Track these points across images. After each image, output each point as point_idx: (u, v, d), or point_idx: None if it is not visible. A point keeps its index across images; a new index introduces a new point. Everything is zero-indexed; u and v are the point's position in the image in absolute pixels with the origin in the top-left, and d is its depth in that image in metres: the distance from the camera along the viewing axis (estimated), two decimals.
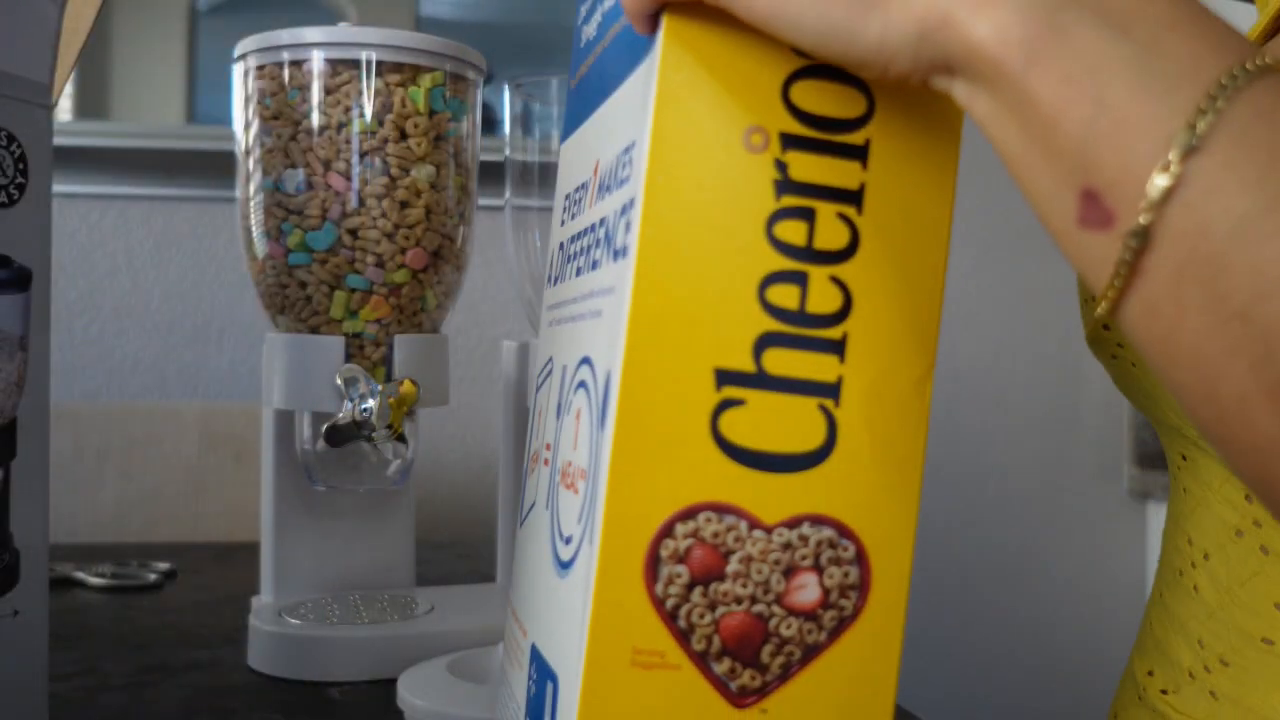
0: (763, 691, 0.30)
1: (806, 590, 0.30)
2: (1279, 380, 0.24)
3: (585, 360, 0.34)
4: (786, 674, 0.30)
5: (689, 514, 0.30)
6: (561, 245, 0.41)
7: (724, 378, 0.30)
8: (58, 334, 1.30)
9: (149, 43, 1.42)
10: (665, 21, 0.31)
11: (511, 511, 0.67)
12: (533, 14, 1.61)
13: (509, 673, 0.40)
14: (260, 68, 0.60)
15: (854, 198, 0.31)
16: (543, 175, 0.65)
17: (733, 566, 0.30)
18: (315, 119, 0.59)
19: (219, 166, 1.30)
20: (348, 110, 0.59)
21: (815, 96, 0.31)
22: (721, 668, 0.30)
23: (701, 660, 0.30)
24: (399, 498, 0.66)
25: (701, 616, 0.30)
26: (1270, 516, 0.40)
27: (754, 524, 0.30)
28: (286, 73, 0.59)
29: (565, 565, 0.33)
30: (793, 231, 0.30)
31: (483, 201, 0.66)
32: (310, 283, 0.59)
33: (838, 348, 0.30)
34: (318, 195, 0.59)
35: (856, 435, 0.30)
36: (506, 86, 0.65)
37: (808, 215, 0.30)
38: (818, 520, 0.30)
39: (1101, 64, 0.26)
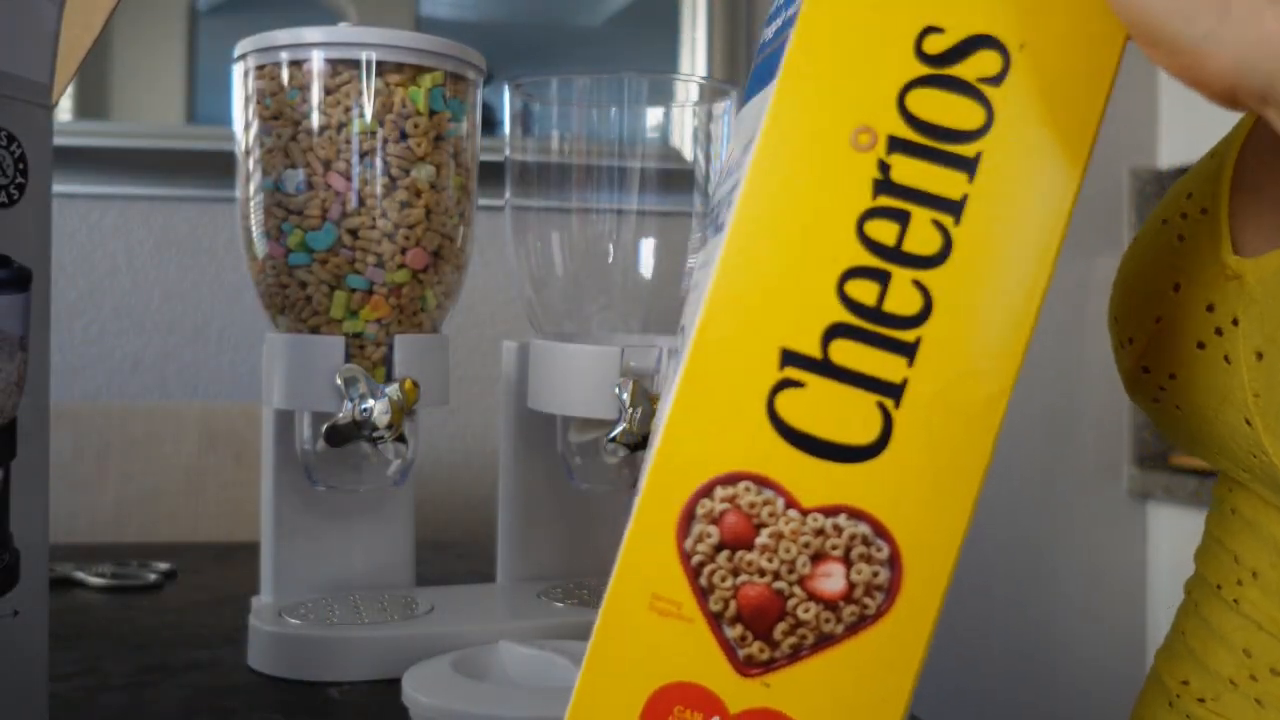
0: (769, 665, 0.31)
1: (831, 579, 0.31)
2: None
3: (682, 329, 0.35)
4: (796, 655, 0.31)
5: (730, 480, 0.31)
6: (711, 210, 0.44)
7: (789, 358, 0.31)
8: (58, 334, 1.30)
9: (149, 43, 1.42)
10: (803, 6, 0.32)
11: (512, 511, 0.67)
12: (533, 14, 1.61)
13: None
14: (260, 68, 0.60)
15: (954, 208, 0.31)
16: (542, 175, 0.65)
17: (762, 539, 0.31)
18: (315, 119, 0.59)
19: (219, 166, 1.30)
20: (348, 110, 0.59)
21: (932, 104, 0.31)
22: (733, 633, 0.31)
23: (715, 621, 0.31)
24: (399, 498, 0.66)
25: (723, 580, 0.31)
26: None
27: (791, 503, 0.31)
28: (286, 73, 0.59)
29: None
30: (883, 231, 0.31)
31: (483, 201, 0.66)
32: (310, 283, 0.59)
33: (909, 350, 0.31)
34: (318, 195, 0.59)
35: (912, 440, 0.31)
36: (506, 86, 0.65)
37: (902, 217, 0.31)
38: (856, 514, 0.31)
39: None
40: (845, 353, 0.31)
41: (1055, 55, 0.31)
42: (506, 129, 0.66)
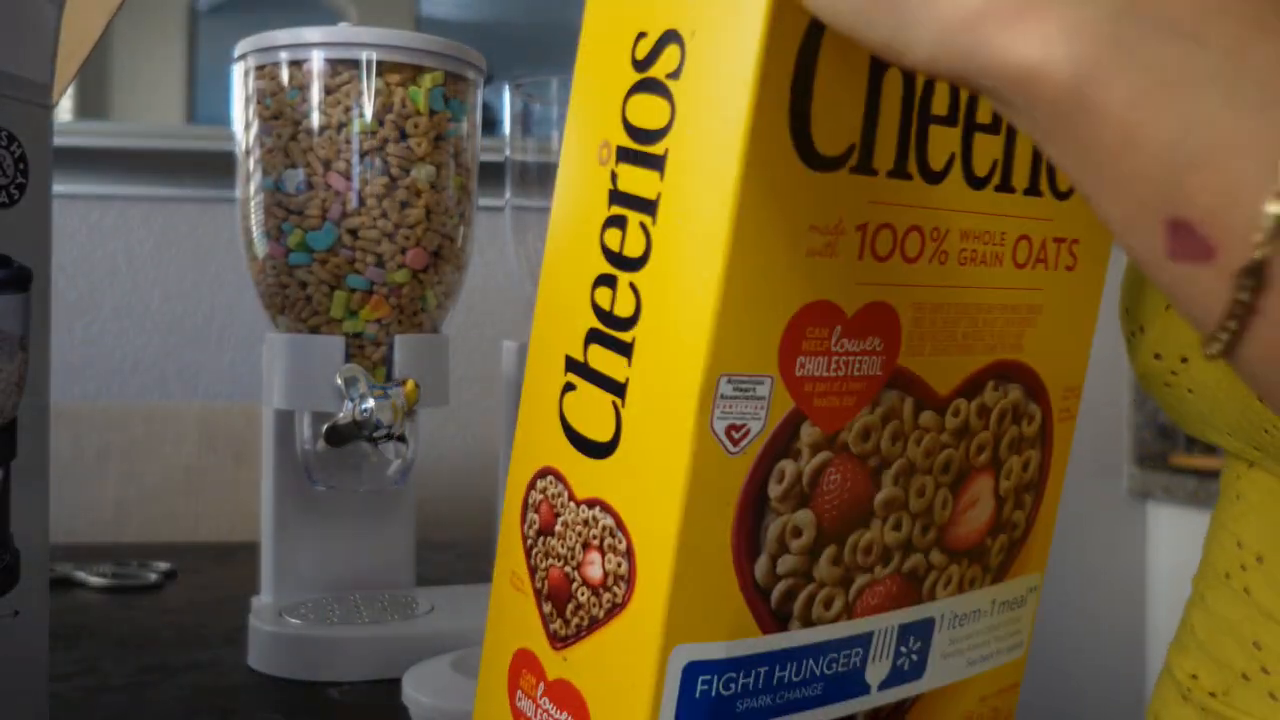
0: (566, 641, 0.34)
1: (594, 567, 0.33)
2: None
3: None
4: (579, 634, 0.34)
5: (543, 473, 0.35)
6: None
7: (569, 364, 0.34)
8: (58, 334, 1.30)
9: (149, 43, 1.43)
10: (584, 18, 0.34)
11: None
12: (533, 14, 1.61)
13: None
14: (260, 68, 0.60)
15: (651, 207, 0.32)
16: (542, 175, 0.65)
17: (558, 526, 0.34)
18: (315, 119, 0.59)
19: (219, 166, 1.30)
20: (348, 110, 0.59)
21: (640, 109, 0.32)
22: (547, 609, 0.35)
23: (539, 597, 0.35)
24: (399, 498, 0.66)
25: (542, 561, 0.35)
26: None
27: (570, 495, 0.34)
28: (286, 73, 0.59)
29: None
30: (613, 238, 0.33)
31: (483, 201, 0.66)
32: (310, 283, 0.59)
33: (628, 350, 0.32)
34: (318, 195, 0.59)
35: (634, 436, 0.32)
36: (506, 86, 0.65)
37: (622, 224, 0.32)
38: (605, 507, 0.33)
39: (1180, 78, 0.22)
40: (595, 356, 0.33)
41: (716, 39, 0.30)
42: (506, 129, 0.66)
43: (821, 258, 0.32)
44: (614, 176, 0.32)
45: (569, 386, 0.34)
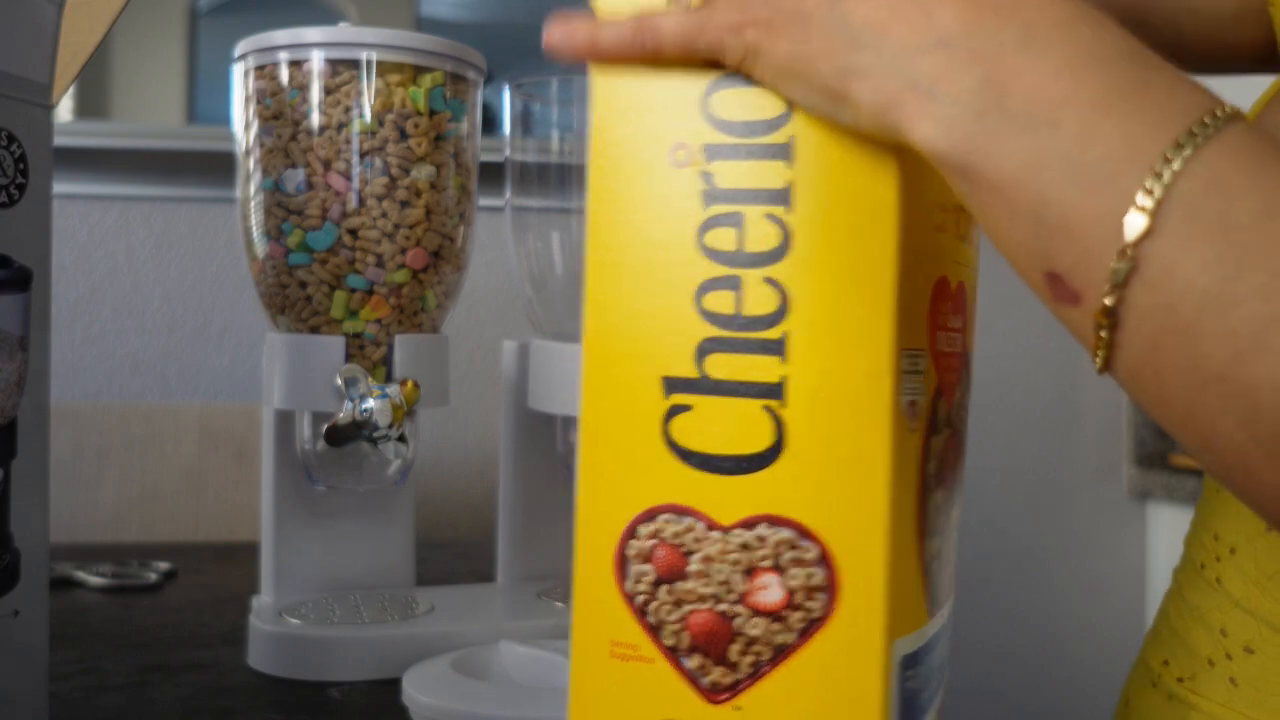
0: (735, 689, 0.31)
1: (769, 590, 0.31)
2: (1269, 434, 0.24)
3: None
4: (758, 672, 0.31)
5: (649, 515, 0.31)
6: None
7: (671, 385, 0.31)
8: (58, 334, 1.30)
9: (149, 43, 1.43)
10: None
11: (512, 511, 0.67)
12: (533, 14, 1.61)
13: None
14: (260, 68, 0.60)
15: (782, 197, 0.31)
16: (542, 175, 0.65)
17: (694, 566, 0.31)
18: (315, 119, 0.59)
19: (219, 166, 1.30)
20: (348, 110, 0.59)
21: (733, 103, 0.31)
22: (692, 663, 0.31)
23: (673, 655, 0.31)
24: (399, 498, 0.66)
25: (670, 613, 0.31)
26: None
27: (711, 525, 0.31)
28: (286, 73, 0.59)
29: None
30: (723, 238, 0.31)
31: (483, 201, 0.66)
32: (310, 283, 0.59)
33: (778, 348, 0.31)
34: (318, 195, 0.59)
35: (807, 434, 0.30)
36: (506, 86, 0.65)
37: (736, 220, 0.31)
38: (775, 521, 0.31)
39: (1036, 161, 0.26)
40: (721, 365, 0.31)
41: None
42: (506, 129, 0.65)
43: (941, 234, 0.32)
44: (707, 175, 0.31)
45: (678, 409, 0.31)
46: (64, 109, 1.34)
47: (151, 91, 1.43)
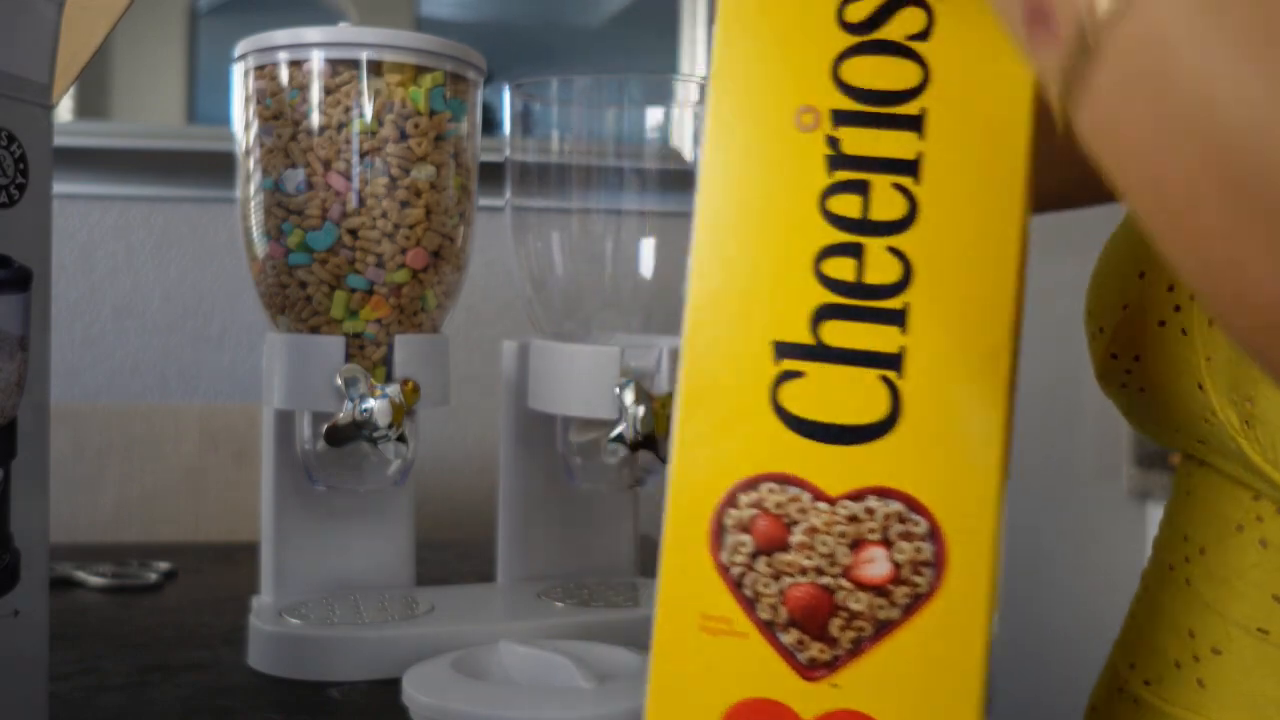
0: (833, 665, 0.30)
1: (875, 564, 0.30)
2: (1230, 175, 0.23)
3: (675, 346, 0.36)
4: (858, 649, 0.30)
5: (752, 484, 0.30)
6: None
7: (782, 350, 0.30)
8: (58, 334, 1.30)
9: (149, 43, 1.43)
10: (720, 3, 0.31)
11: (512, 511, 0.67)
12: (533, 14, 1.61)
13: None
14: (260, 68, 0.60)
15: (910, 168, 0.30)
16: (542, 175, 0.65)
17: (796, 537, 0.30)
18: (315, 119, 0.59)
19: (219, 166, 1.30)
20: (348, 110, 0.59)
21: (867, 71, 0.31)
22: (789, 638, 0.30)
23: (768, 629, 0.30)
24: (399, 498, 0.66)
25: (767, 586, 0.30)
26: (1272, 511, 0.40)
27: (817, 495, 0.30)
28: (286, 73, 0.59)
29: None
30: (847, 204, 0.30)
31: (483, 201, 0.66)
32: (310, 283, 0.59)
33: (899, 318, 0.30)
34: (318, 195, 0.59)
35: (924, 406, 0.30)
36: (506, 86, 0.65)
37: (862, 188, 0.30)
38: (885, 493, 0.30)
39: None
40: (837, 333, 0.30)
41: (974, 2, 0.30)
42: (506, 129, 0.66)
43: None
44: (833, 141, 0.31)
45: (788, 375, 0.30)
46: (64, 109, 1.34)
47: (151, 91, 1.43)
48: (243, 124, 0.62)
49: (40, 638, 0.43)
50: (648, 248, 0.63)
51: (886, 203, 0.30)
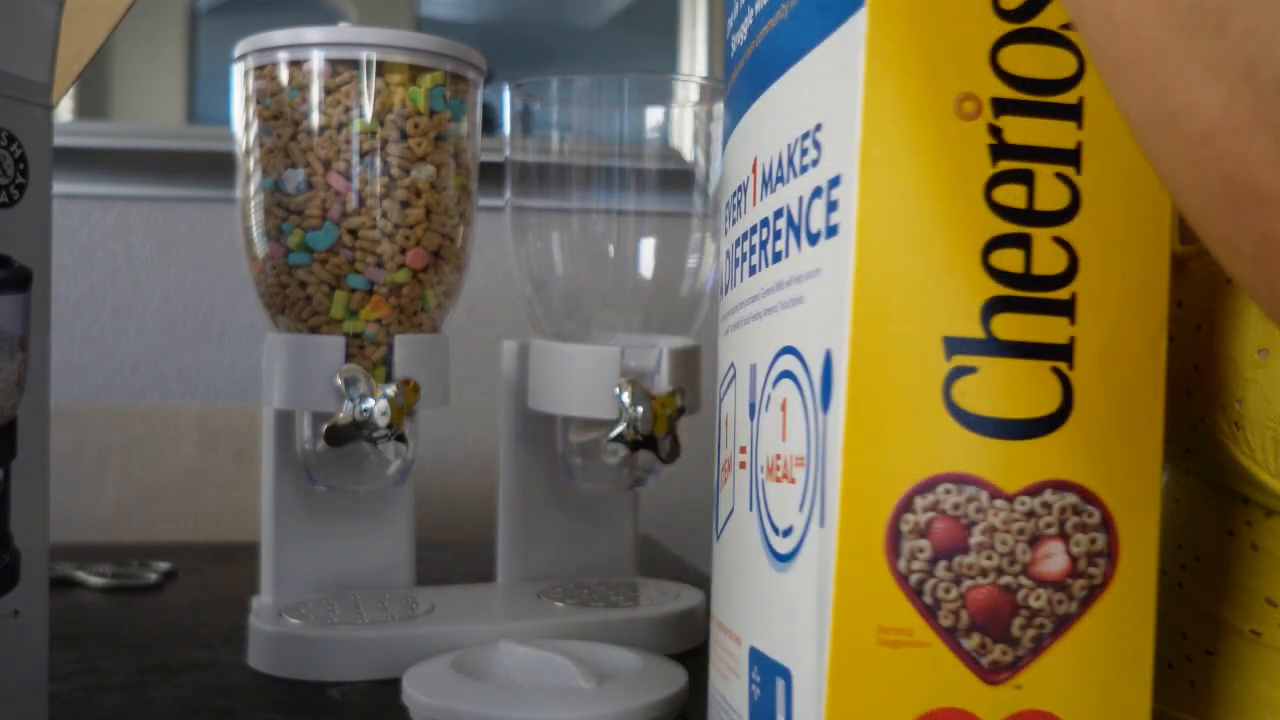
0: (1015, 666, 0.30)
1: (1053, 559, 0.29)
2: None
3: (787, 350, 0.33)
4: (1039, 647, 0.30)
5: (927, 486, 0.29)
6: (727, 253, 0.42)
7: (954, 346, 0.29)
8: (58, 334, 1.30)
9: (149, 43, 1.43)
10: None
11: (512, 511, 0.67)
12: (533, 14, 1.61)
13: (721, 687, 0.40)
14: (260, 68, 0.60)
15: (1072, 157, 0.30)
16: (542, 175, 0.65)
17: (976, 538, 0.29)
18: (315, 119, 0.59)
19: (219, 166, 1.30)
20: (348, 110, 0.59)
21: (1025, 59, 0.30)
22: (971, 643, 0.29)
23: (950, 636, 0.29)
24: (399, 498, 0.66)
25: (947, 591, 0.29)
26: (1260, 515, 0.40)
27: (995, 493, 0.29)
28: (286, 73, 0.59)
29: (785, 558, 0.33)
30: (1012, 195, 0.30)
31: (483, 201, 0.66)
32: (310, 283, 0.59)
33: (1067, 309, 0.30)
34: (318, 195, 0.59)
35: (1093, 397, 0.30)
36: (506, 86, 0.65)
37: (1026, 178, 0.30)
38: (1060, 486, 0.30)
39: None
40: (1008, 326, 0.30)
41: None
42: (506, 129, 0.66)
43: None
44: (995, 130, 0.30)
45: (961, 371, 0.29)
46: (64, 109, 1.34)
47: (151, 91, 1.44)
48: (243, 124, 0.62)
49: (40, 638, 0.43)
50: (648, 248, 0.63)
51: (1050, 192, 0.30)
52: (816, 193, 0.32)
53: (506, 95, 0.65)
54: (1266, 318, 0.36)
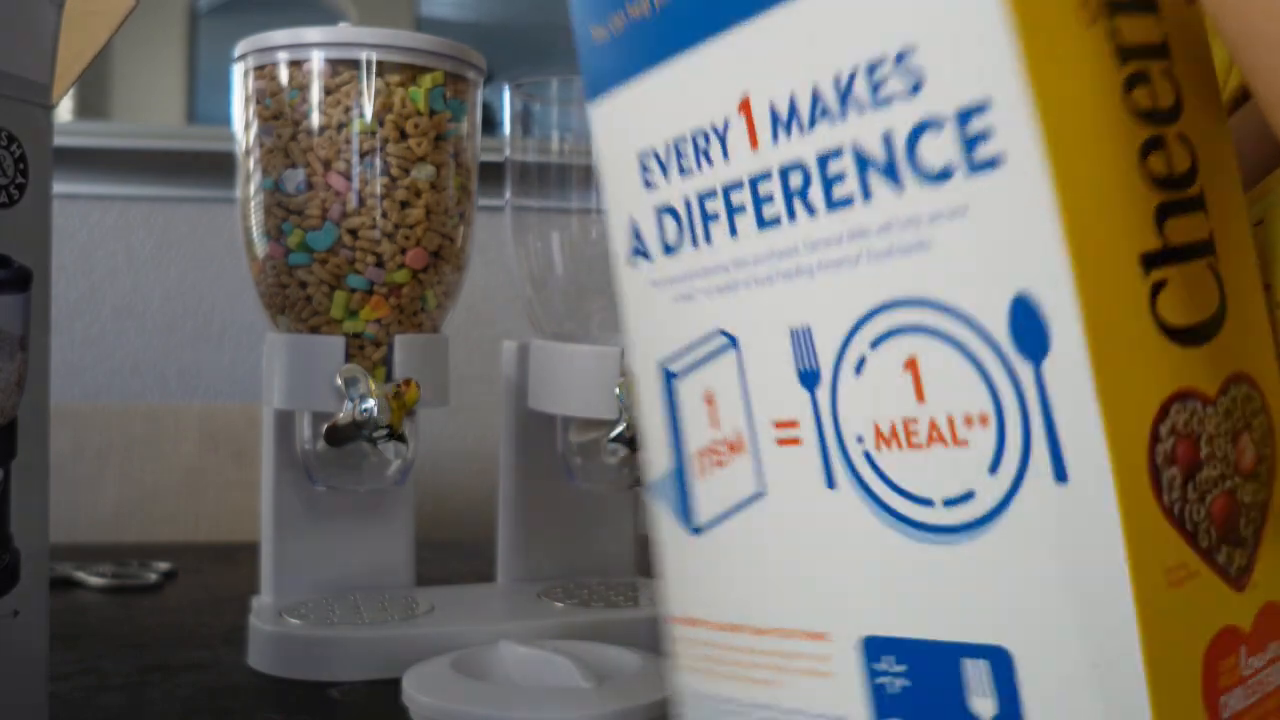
0: (1248, 567, 0.29)
1: (1247, 452, 0.30)
2: None
3: (901, 303, 0.30)
4: (1258, 540, 0.29)
5: (1164, 411, 0.28)
6: (667, 209, 0.36)
7: (1149, 261, 0.28)
8: (58, 334, 1.30)
9: (149, 43, 1.43)
10: None
11: (512, 511, 0.67)
12: (533, 14, 1.61)
13: (744, 693, 0.36)
14: (260, 68, 0.60)
15: (1165, 52, 0.30)
16: (542, 175, 0.65)
17: (1204, 450, 0.29)
18: (315, 119, 0.59)
19: (219, 166, 1.30)
20: (348, 110, 0.59)
21: None
22: (1222, 557, 0.29)
23: (1210, 557, 0.28)
24: (399, 498, 0.66)
25: (1197, 512, 0.28)
26: None
27: (1205, 400, 0.29)
28: (286, 73, 0.59)
29: (957, 530, 0.30)
30: (1143, 96, 0.29)
31: (483, 201, 0.66)
32: (310, 283, 0.59)
33: (1202, 204, 0.30)
34: (318, 195, 0.59)
35: (1234, 286, 0.30)
36: (506, 86, 0.65)
37: (1146, 78, 0.29)
38: (1236, 379, 0.30)
39: None
40: (1175, 230, 0.29)
41: None
42: (506, 129, 0.66)
43: None
44: (1114, 32, 0.29)
45: (1159, 285, 0.28)
46: (64, 109, 1.34)
47: (151, 91, 1.44)
48: (243, 124, 0.62)
49: (40, 638, 0.43)
50: None
51: (1163, 90, 0.29)
52: (926, 126, 0.29)
53: (506, 95, 0.65)
54: None
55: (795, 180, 0.32)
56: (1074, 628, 0.28)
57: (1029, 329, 0.28)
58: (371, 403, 0.57)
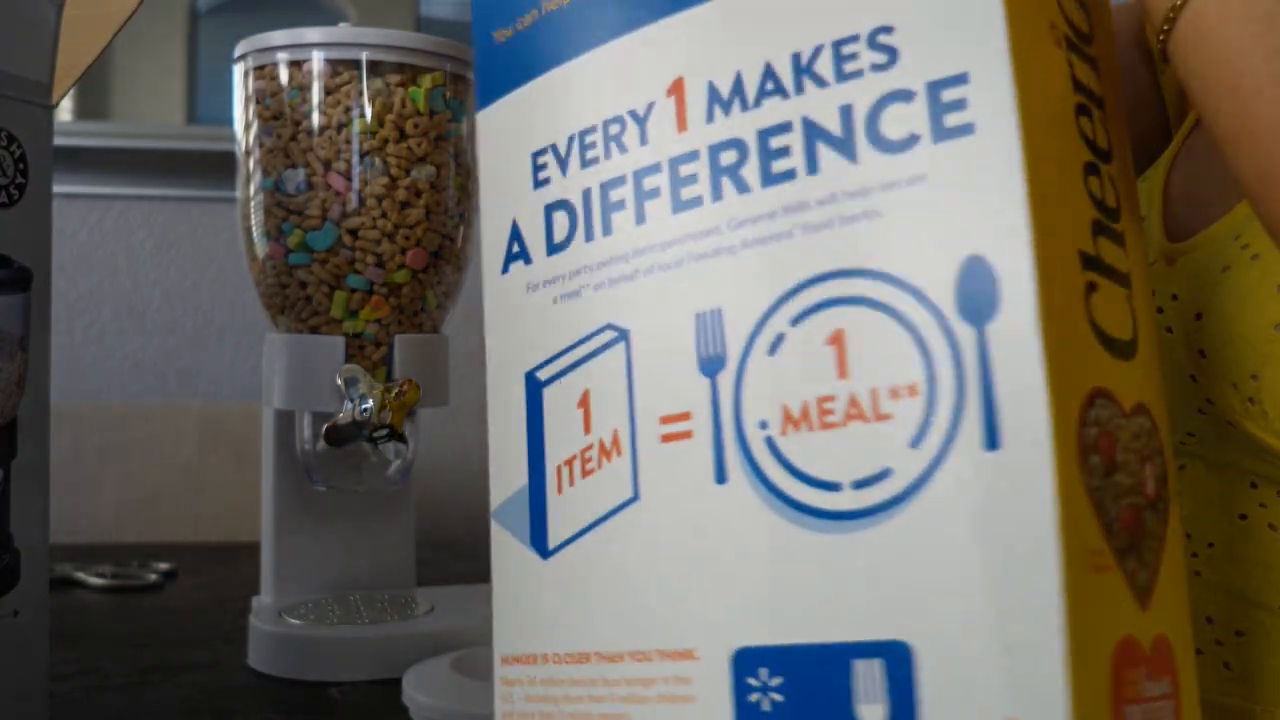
0: (1150, 588, 0.28)
1: (1150, 481, 0.29)
2: None
3: (837, 274, 0.30)
4: (1156, 569, 0.28)
5: (1091, 400, 0.27)
6: (562, 202, 0.36)
7: (1085, 261, 0.28)
8: (58, 334, 1.30)
9: (149, 43, 1.43)
10: None
11: None
12: None
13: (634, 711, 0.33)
14: (260, 68, 0.60)
15: (1102, 104, 0.32)
16: None
17: (1120, 455, 0.28)
18: (315, 119, 0.59)
19: (219, 166, 1.30)
20: (348, 110, 0.59)
21: (1072, 9, 0.31)
22: (1130, 565, 0.27)
23: (1121, 558, 0.27)
24: (399, 498, 0.66)
25: (1113, 508, 0.27)
26: (1273, 494, 0.41)
27: (1120, 411, 0.28)
28: (286, 73, 0.59)
29: (864, 513, 0.28)
30: (1087, 126, 0.30)
31: None
32: (310, 283, 0.59)
33: (1123, 242, 0.31)
34: (318, 195, 0.59)
35: (1145, 329, 0.31)
36: None
37: (1089, 114, 0.30)
38: (1143, 410, 0.29)
39: None
40: (1105, 249, 0.29)
41: None
42: None
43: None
44: (1070, 62, 0.30)
45: (1091, 286, 0.28)
46: (64, 109, 1.34)
47: (151, 91, 1.43)
48: (243, 124, 0.62)
49: (40, 638, 0.43)
50: None
51: (1100, 133, 0.31)
52: (895, 96, 0.29)
53: None
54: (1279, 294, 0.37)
55: (728, 158, 0.32)
56: (988, 610, 0.26)
57: (978, 290, 0.27)
58: (371, 403, 0.57)
